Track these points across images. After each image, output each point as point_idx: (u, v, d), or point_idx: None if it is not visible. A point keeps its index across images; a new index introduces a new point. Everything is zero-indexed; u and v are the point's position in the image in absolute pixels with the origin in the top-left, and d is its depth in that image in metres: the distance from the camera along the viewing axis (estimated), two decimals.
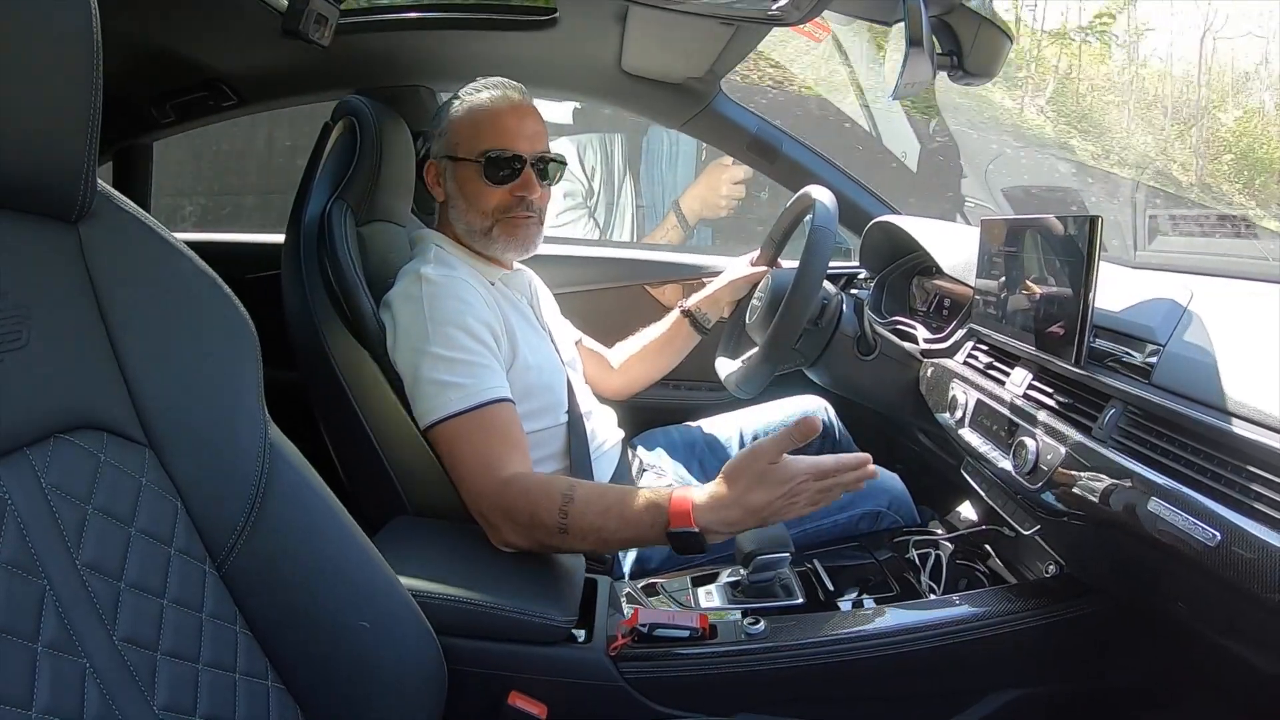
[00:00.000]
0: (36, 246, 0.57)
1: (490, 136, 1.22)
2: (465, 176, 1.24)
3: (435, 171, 1.27)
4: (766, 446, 0.93)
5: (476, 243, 1.26)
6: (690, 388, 1.87)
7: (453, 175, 1.25)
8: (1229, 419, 0.72)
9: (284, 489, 0.69)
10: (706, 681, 0.97)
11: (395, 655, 0.76)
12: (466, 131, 1.23)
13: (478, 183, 1.23)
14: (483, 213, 1.24)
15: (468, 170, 1.23)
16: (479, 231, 1.25)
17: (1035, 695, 1.04)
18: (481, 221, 1.24)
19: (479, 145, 1.22)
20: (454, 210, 1.26)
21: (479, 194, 1.23)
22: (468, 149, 1.23)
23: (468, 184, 1.24)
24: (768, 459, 0.92)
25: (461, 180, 1.24)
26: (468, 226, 1.25)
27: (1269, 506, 0.67)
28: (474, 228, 1.25)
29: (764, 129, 1.79)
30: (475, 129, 1.23)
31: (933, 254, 1.34)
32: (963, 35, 1.12)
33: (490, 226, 1.24)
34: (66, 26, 0.53)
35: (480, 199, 1.23)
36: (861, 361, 1.44)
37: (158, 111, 1.82)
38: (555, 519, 0.97)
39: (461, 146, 1.23)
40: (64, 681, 0.52)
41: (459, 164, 1.24)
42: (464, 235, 1.26)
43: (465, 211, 1.25)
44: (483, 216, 1.24)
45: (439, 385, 1.08)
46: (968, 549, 1.26)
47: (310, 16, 1.28)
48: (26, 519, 0.53)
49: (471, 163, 1.22)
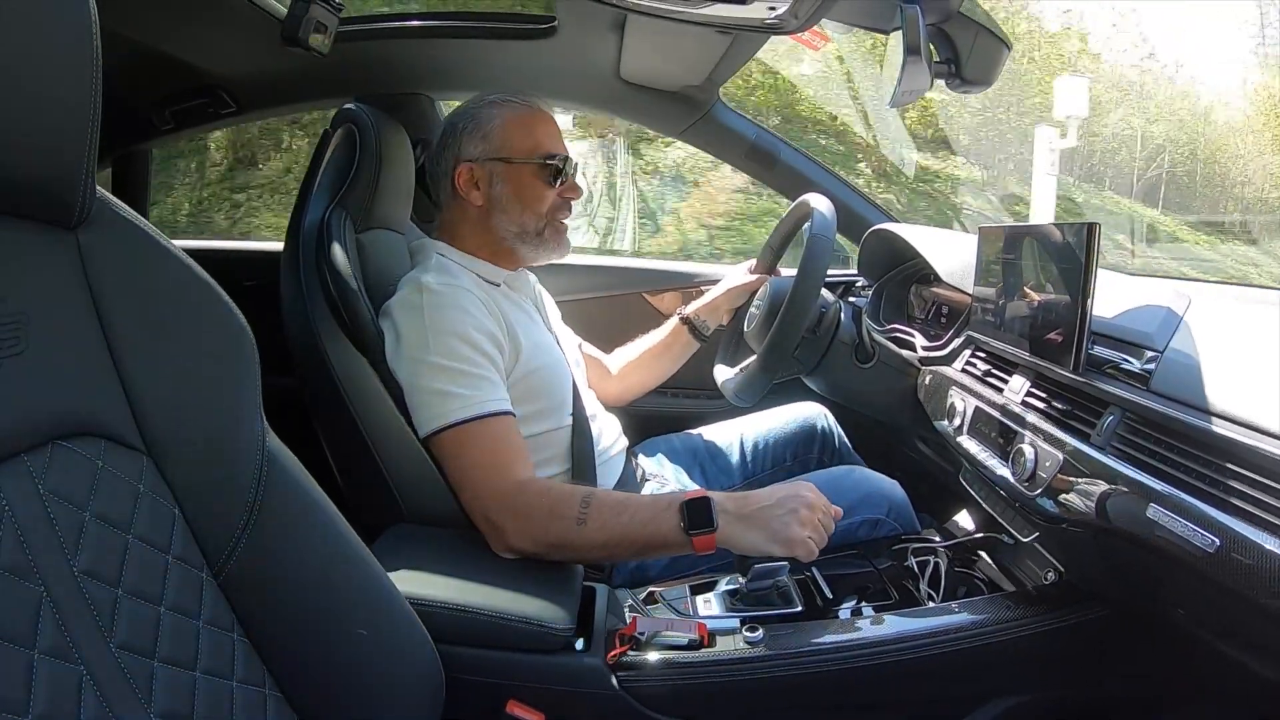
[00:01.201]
0: (35, 253, 0.57)
1: (544, 139, 1.26)
2: (519, 178, 1.25)
3: (474, 175, 1.26)
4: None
5: (525, 244, 1.28)
6: (690, 395, 1.87)
7: (504, 178, 1.26)
8: (1227, 425, 0.72)
9: (281, 496, 0.69)
10: (705, 690, 0.96)
11: (393, 663, 0.76)
12: (519, 134, 1.26)
13: (536, 184, 1.26)
14: (538, 214, 1.27)
15: (523, 172, 1.25)
16: (532, 233, 1.27)
17: (1035, 702, 1.04)
18: (535, 223, 1.27)
19: (535, 148, 1.25)
20: (502, 214, 1.26)
21: (536, 196, 1.26)
22: (524, 151, 1.25)
23: (525, 186, 1.26)
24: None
25: (515, 182, 1.25)
26: (520, 228, 1.27)
27: (1267, 512, 0.67)
28: (527, 229, 1.27)
29: (762, 137, 1.80)
30: (529, 131, 1.26)
31: (931, 262, 1.35)
32: (960, 43, 1.12)
33: (543, 228, 1.28)
34: (66, 32, 0.53)
35: (538, 201, 1.26)
36: (860, 369, 1.44)
37: (157, 118, 1.82)
38: (576, 511, 1.00)
39: (514, 149, 1.25)
40: (61, 688, 0.52)
41: (512, 166, 1.25)
42: (510, 239, 1.27)
43: (519, 214, 1.26)
44: (537, 218, 1.27)
45: (440, 395, 1.08)
46: (966, 556, 1.26)
47: (310, 24, 1.28)
48: (24, 525, 0.53)
49: (530, 164, 1.25)
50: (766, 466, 1.55)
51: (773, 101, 7.38)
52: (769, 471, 1.54)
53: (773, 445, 1.57)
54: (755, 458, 1.56)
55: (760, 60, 6.60)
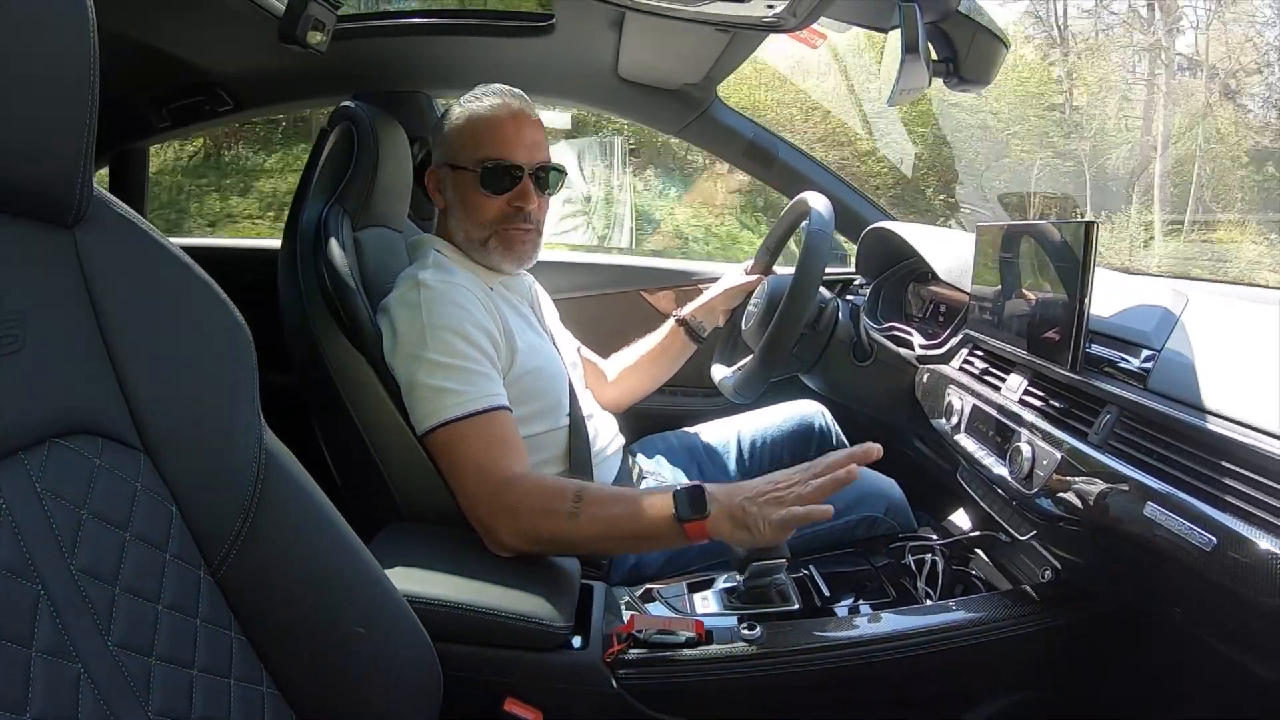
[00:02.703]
0: (32, 251, 0.57)
1: (489, 145, 1.21)
2: (463, 185, 1.23)
3: (435, 179, 1.27)
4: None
5: (474, 252, 1.26)
6: (688, 393, 1.87)
7: (451, 184, 1.25)
8: (1224, 424, 0.73)
9: (279, 494, 0.69)
10: (702, 687, 0.96)
11: (390, 661, 0.76)
12: (465, 140, 1.23)
13: (475, 192, 1.22)
14: (480, 223, 1.23)
15: (465, 179, 1.22)
16: (476, 241, 1.24)
17: (1032, 700, 1.04)
18: (479, 232, 1.24)
19: (477, 154, 1.21)
20: (453, 219, 1.26)
21: (476, 204, 1.22)
22: (466, 157, 1.22)
23: (466, 193, 1.23)
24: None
25: (460, 189, 1.24)
26: (466, 236, 1.25)
27: (1264, 511, 0.67)
28: (472, 237, 1.25)
29: (760, 135, 1.80)
30: (474, 137, 1.22)
31: (928, 260, 1.35)
32: (958, 42, 1.12)
33: (487, 237, 1.24)
34: (64, 30, 0.53)
35: (478, 209, 1.23)
36: (858, 367, 1.44)
37: (154, 116, 1.82)
38: (568, 505, 0.99)
39: (460, 155, 1.23)
40: (59, 686, 0.51)
41: (457, 172, 1.23)
42: (462, 244, 1.26)
43: (463, 221, 1.24)
44: (480, 227, 1.24)
45: (437, 391, 1.08)
46: (964, 554, 1.26)
47: (308, 21, 1.28)
48: (21, 523, 0.53)
49: (469, 171, 1.22)
50: (764, 464, 1.55)
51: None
52: (766, 469, 1.53)
53: (770, 443, 1.57)
54: (753, 456, 1.56)
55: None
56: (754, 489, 0.97)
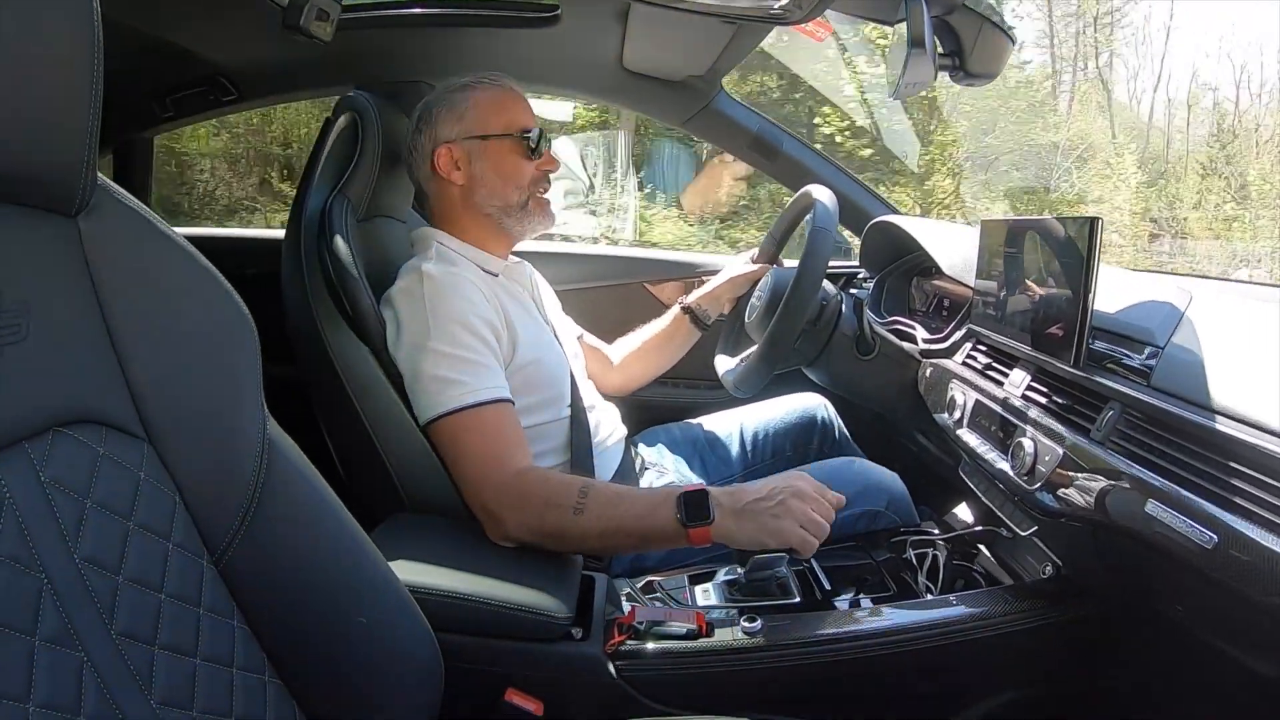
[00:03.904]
0: (36, 240, 0.57)
1: (518, 116, 1.27)
2: (497, 154, 1.26)
3: (453, 156, 1.26)
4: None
5: (510, 218, 1.28)
6: (690, 385, 1.87)
7: (482, 155, 1.26)
8: (1227, 422, 0.72)
9: (282, 484, 0.69)
10: (703, 679, 0.97)
11: (392, 651, 0.76)
12: (490, 111, 1.26)
13: (514, 158, 1.26)
14: (519, 187, 1.27)
15: (500, 147, 1.25)
16: (515, 206, 1.27)
17: (1032, 696, 1.04)
18: (518, 196, 1.27)
19: (512, 123, 1.26)
20: (482, 191, 1.26)
21: (516, 169, 1.26)
22: (499, 127, 1.25)
23: (503, 161, 1.26)
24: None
25: (493, 158, 1.26)
26: (504, 202, 1.27)
27: (1266, 510, 0.67)
28: (510, 202, 1.27)
29: (765, 128, 1.79)
30: (499, 106, 1.26)
31: (932, 254, 1.34)
32: (965, 36, 1.12)
33: (526, 200, 1.28)
34: (67, 19, 0.53)
35: (516, 174, 1.26)
36: (860, 361, 1.44)
37: (158, 106, 1.82)
38: (573, 500, 1.01)
39: (489, 124, 1.25)
40: (62, 675, 0.52)
41: (488, 142, 1.25)
42: (496, 214, 1.27)
43: (500, 188, 1.26)
44: (519, 191, 1.27)
45: (441, 381, 1.08)
46: (965, 549, 1.26)
47: (312, 11, 1.28)
48: (25, 513, 0.53)
49: (505, 138, 1.25)
50: (766, 457, 1.55)
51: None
52: (768, 462, 1.55)
53: (773, 436, 1.57)
54: (755, 448, 1.56)
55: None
56: (757, 491, 1.00)
